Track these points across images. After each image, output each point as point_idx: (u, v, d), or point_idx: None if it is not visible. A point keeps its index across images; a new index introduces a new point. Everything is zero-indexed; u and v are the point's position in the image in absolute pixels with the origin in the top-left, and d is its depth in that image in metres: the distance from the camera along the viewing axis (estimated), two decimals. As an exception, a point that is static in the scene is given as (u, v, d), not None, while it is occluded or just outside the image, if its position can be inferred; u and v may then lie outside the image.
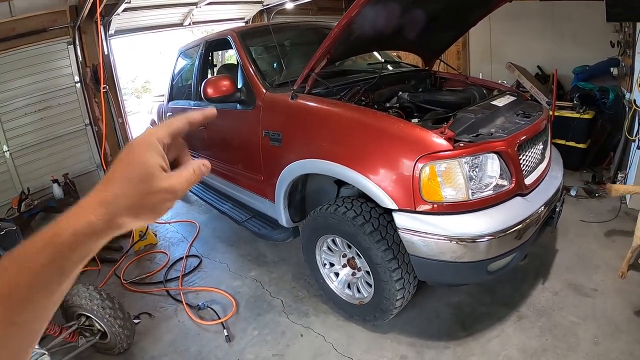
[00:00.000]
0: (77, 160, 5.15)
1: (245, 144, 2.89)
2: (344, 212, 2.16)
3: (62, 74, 4.88)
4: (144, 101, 13.15)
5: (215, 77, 2.72)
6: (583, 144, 4.29)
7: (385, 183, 1.95)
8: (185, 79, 4.28)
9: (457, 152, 1.82)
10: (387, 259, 2.04)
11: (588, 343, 2.10)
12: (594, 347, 2.08)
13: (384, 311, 2.23)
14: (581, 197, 3.80)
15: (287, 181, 2.50)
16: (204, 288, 3.16)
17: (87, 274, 3.70)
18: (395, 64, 3.44)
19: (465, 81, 3.05)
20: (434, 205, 1.87)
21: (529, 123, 2.22)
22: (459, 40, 4.71)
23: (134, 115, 6.16)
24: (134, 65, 14.65)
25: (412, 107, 2.47)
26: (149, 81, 16.51)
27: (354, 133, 2.09)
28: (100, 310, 2.37)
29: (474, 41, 5.80)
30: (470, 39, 5.86)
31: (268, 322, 2.67)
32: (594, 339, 2.12)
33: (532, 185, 2.14)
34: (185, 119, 0.53)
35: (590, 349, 2.07)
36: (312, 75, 2.36)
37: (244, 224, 3.12)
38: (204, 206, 4.88)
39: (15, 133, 4.58)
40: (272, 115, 2.60)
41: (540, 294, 2.55)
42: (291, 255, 3.45)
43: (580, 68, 4.84)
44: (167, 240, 4.21)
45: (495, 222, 1.88)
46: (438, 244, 1.88)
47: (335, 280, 2.56)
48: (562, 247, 2.99)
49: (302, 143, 2.37)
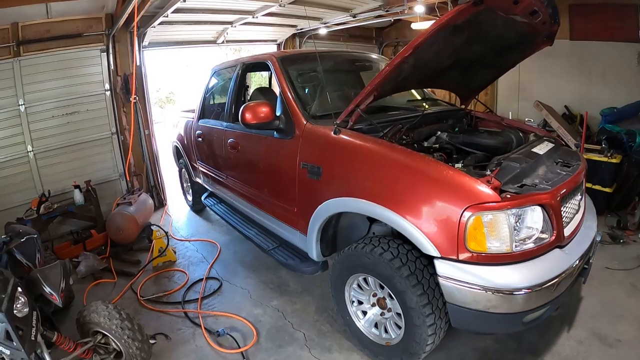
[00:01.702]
0: (100, 167, 5.14)
1: (280, 173, 2.87)
2: (380, 252, 2.13)
3: (93, 80, 4.91)
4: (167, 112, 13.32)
5: (254, 103, 2.69)
6: (609, 188, 4.23)
7: (429, 229, 1.91)
8: (217, 99, 4.30)
9: (504, 204, 1.79)
10: (422, 303, 2.00)
11: None
12: None
13: (411, 354, 2.18)
14: (606, 242, 3.75)
15: (323, 216, 2.47)
16: (224, 313, 3.11)
17: (103, 286, 3.69)
18: (433, 101, 3.43)
19: (501, 122, 3.03)
20: (475, 254, 1.84)
21: (570, 174, 2.20)
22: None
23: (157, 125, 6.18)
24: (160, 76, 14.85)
25: (452, 149, 2.45)
26: (173, 92, 16.73)
27: (400, 175, 2.06)
28: (119, 330, 2.32)
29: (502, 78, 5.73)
30: (499, 76, 5.88)
31: (289, 355, 2.61)
32: None
33: (570, 236, 2.10)
34: None
35: None
36: (357, 110, 2.34)
37: (270, 252, 3.08)
38: (225, 226, 4.85)
39: (41, 134, 4.60)
40: (312, 147, 2.57)
41: (565, 342, 2.50)
42: (315, 287, 3.39)
43: (608, 110, 4.80)
44: (186, 259, 4.17)
45: (534, 276, 1.84)
46: (478, 294, 1.84)
47: (363, 318, 2.51)
48: (587, 295, 2.93)
49: (344, 179, 2.34)
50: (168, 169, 6.37)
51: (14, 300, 1.93)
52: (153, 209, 5.35)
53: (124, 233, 4.40)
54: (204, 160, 4.44)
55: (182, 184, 5.82)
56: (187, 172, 5.25)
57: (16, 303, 1.93)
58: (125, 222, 4.40)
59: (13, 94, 4.36)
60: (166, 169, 6.25)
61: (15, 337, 1.86)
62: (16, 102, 4.39)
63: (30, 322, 1.97)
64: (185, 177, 5.52)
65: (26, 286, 2.13)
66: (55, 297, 2.22)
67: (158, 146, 5.87)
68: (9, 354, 1.89)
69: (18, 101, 4.39)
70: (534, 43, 2.69)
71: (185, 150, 5.03)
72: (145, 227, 4.64)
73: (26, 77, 4.41)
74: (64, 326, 2.48)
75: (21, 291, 2.00)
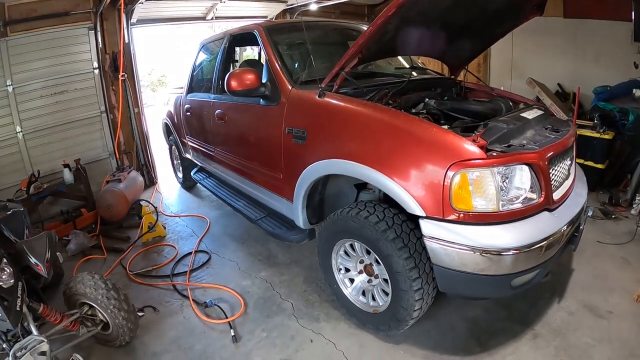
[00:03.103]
0: (90, 147, 5.09)
1: (266, 140, 2.85)
2: (366, 216, 2.11)
3: (81, 59, 4.84)
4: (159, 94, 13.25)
5: (239, 70, 2.68)
6: (601, 164, 4.23)
7: (414, 189, 1.89)
8: (205, 72, 4.26)
9: (490, 161, 1.77)
10: (408, 267, 1.98)
11: None
12: None
13: (399, 321, 2.17)
14: (598, 217, 3.75)
15: (309, 181, 2.45)
16: (212, 285, 3.11)
17: (92, 262, 3.67)
18: (421, 70, 3.40)
19: (491, 93, 3.01)
20: (462, 214, 1.81)
21: (559, 137, 2.17)
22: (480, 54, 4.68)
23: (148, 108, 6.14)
24: (151, 58, 14.79)
25: (439, 115, 2.42)
26: (165, 75, 16.66)
27: (384, 135, 2.03)
28: (105, 300, 2.32)
29: (495, 55, 5.77)
30: (492, 53, 5.83)
31: (277, 325, 2.60)
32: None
33: (559, 201, 2.09)
34: None
35: None
36: (341, 73, 2.31)
37: (257, 222, 3.07)
38: (216, 202, 4.86)
39: (29, 115, 4.54)
40: (297, 112, 2.55)
41: (555, 313, 2.49)
42: (303, 258, 3.40)
43: (601, 88, 4.78)
44: (176, 234, 4.17)
45: (522, 236, 1.82)
46: (463, 255, 1.82)
47: (350, 286, 2.50)
48: (578, 267, 2.93)
49: (328, 142, 2.32)
50: (159, 150, 6.35)
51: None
52: (143, 187, 5.33)
53: (114, 210, 4.37)
54: (193, 134, 4.42)
55: (173, 161, 5.82)
56: (177, 148, 5.24)
57: (1, 274, 1.93)
58: (114, 199, 4.37)
59: (0, 74, 4.29)
60: (157, 149, 6.23)
61: (0, 308, 1.85)
62: (4, 83, 4.32)
63: (16, 293, 1.97)
64: (176, 154, 5.51)
65: (13, 259, 2.12)
66: (41, 268, 2.21)
67: (148, 125, 5.83)
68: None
69: (6, 82, 4.33)
70: (524, 12, 2.66)
71: (174, 126, 5.01)
72: (135, 204, 4.60)
73: (13, 57, 4.34)
74: (54, 304, 2.46)
75: (6, 262, 2.00)
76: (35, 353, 1.93)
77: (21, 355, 1.90)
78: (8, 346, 2.01)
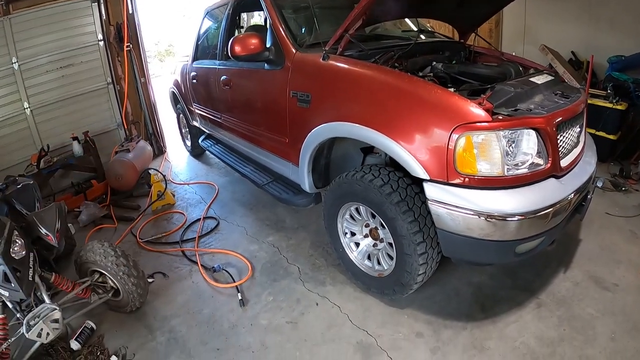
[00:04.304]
0: (98, 118, 5.13)
1: (271, 104, 2.83)
2: (371, 179, 2.10)
3: (86, 31, 4.82)
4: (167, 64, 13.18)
5: (243, 35, 2.65)
6: (613, 135, 4.15)
7: (418, 152, 1.87)
8: (211, 39, 4.22)
9: (495, 124, 1.74)
10: (412, 231, 1.99)
11: (605, 338, 2.04)
12: (610, 342, 2.02)
13: (403, 285, 2.19)
14: (607, 189, 3.69)
15: (314, 145, 2.45)
16: (220, 250, 3.16)
17: (104, 232, 3.74)
18: (429, 34, 3.32)
19: (501, 57, 2.93)
20: (466, 178, 1.80)
21: (568, 103, 2.12)
22: (492, 18, 4.54)
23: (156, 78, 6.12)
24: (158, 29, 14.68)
25: (447, 78, 2.37)
26: (172, 45, 16.54)
27: (388, 97, 2.00)
28: (115, 267, 2.37)
29: (508, 20, 5.58)
30: (504, 18, 5.64)
31: (284, 289, 2.65)
32: (611, 335, 2.06)
33: (566, 168, 2.05)
34: None
35: (607, 344, 2.01)
36: (345, 36, 2.27)
37: (264, 187, 3.10)
38: (224, 169, 4.91)
39: (36, 90, 4.56)
40: (301, 75, 2.53)
41: (561, 282, 2.48)
42: (310, 223, 3.42)
43: (615, 57, 4.64)
44: (185, 201, 4.23)
45: (528, 202, 1.80)
46: (467, 219, 1.81)
47: (355, 250, 2.52)
48: (586, 238, 2.91)
49: (332, 105, 2.30)
50: (167, 119, 6.36)
51: (11, 244, 1.97)
52: (152, 156, 5.38)
53: (123, 180, 4.42)
54: (200, 102, 4.42)
55: (181, 129, 5.85)
56: (184, 116, 5.25)
57: (13, 246, 1.98)
58: (124, 169, 4.41)
59: (5, 52, 4.31)
60: (166, 119, 6.25)
61: (12, 279, 1.90)
62: (9, 61, 4.34)
63: (28, 264, 2.02)
64: (183, 122, 5.53)
65: (24, 231, 2.17)
66: (51, 237, 2.26)
67: (156, 95, 5.83)
68: (8, 295, 1.94)
69: (11, 59, 4.34)
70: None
71: (181, 94, 5.01)
72: (144, 173, 4.66)
73: (17, 34, 4.35)
74: (67, 274, 2.51)
75: (18, 234, 2.05)
76: (48, 321, 1.99)
77: (34, 323, 1.96)
78: (22, 315, 2.06)
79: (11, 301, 2.06)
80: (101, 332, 2.44)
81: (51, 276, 2.23)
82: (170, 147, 6.13)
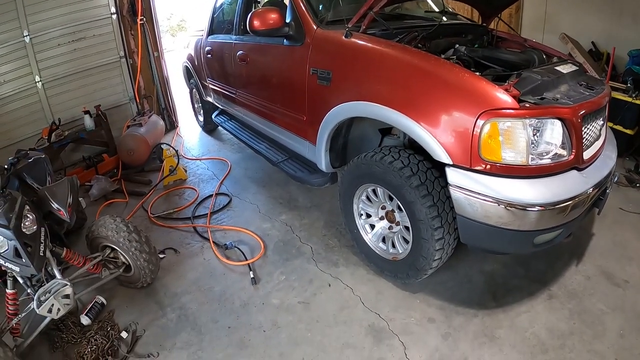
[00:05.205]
0: (110, 92, 5.08)
1: (290, 81, 2.80)
2: (390, 161, 2.08)
3: (98, 4, 4.74)
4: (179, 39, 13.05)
5: (262, 9, 2.60)
6: (630, 130, 4.08)
7: (442, 135, 1.84)
8: (227, 14, 4.16)
9: (522, 112, 1.71)
10: (430, 215, 1.97)
11: (614, 334, 2.04)
12: (619, 339, 2.01)
13: (418, 270, 2.19)
14: (622, 184, 3.65)
15: (333, 123, 2.42)
16: (232, 227, 3.16)
17: (115, 206, 3.75)
18: (452, 16, 3.25)
19: (523, 43, 2.87)
20: (489, 165, 1.78)
21: (593, 95, 2.07)
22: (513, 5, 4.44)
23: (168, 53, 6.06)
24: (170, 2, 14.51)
25: (469, 62, 2.33)
26: (184, 19, 16.39)
27: (413, 78, 1.97)
28: (127, 242, 2.36)
29: (528, 7, 5.47)
30: (524, 4, 5.52)
31: (296, 268, 2.66)
32: (620, 331, 2.05)
33: (588, 161, 2.02)
34: None
35: (616, 340, 2.00)
36: (369, 13, 2.23)
37: (279, 164, 3.08)
38: (237, 145, 4.89)
39: (48, 64, 4.52)
40: (322, 52, 2.48)
41: (572, 275, 2.47)
42: (324, 202, 3.41)
43: (636, 51, 4.55)
44: (197, 177, 4.22)
45: (549, 193, 1.77)
46: (488, 207, 1.79)
47: (370, 232, 2.51)
48: (599, 232, 2.88)
49: (354, 84, 2.26)
50: (180, 94, 6.32)
51: (22, 218, 1.94)
52: (164, 131, 5.37)
53: (135, 155, 4.42)
54: (214, 77, 4.38)
55: (194, 104, 5.81)
56: (197, 91, 5.21)
57: (24, 221, 1.95)
58: (136, 144, 4.40)
59: (17, 26, 4.25)
60: (178, 94, 6.21)
61: (23, 254, 1.88)
62: (21, 34, 4.28)
63: (39, 239, 1.99)
64: (196, 97, 5.48)
65: (35, 205, 2.15)
66: (63, 212, 2.22)
67: (169, 70, 5.78)
68: (19, 270, 1.92)
69: (23, 32, 4.28)
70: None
71: (195, 69, 4.96)
72: (155, 147, 4.65)
73: (29, 7, 4.27)
74: (77, 248, 2.53)
75: (29, 209, 2.01)
76: (59, 296, 1.99)
77: (45, 299, 1.96)
78: (33, 290, 2.06)
79: (22, 276, 2.05)
80: (111, 308, 2.46)
81: (62, 251, 2.22)
82: (182, 122, 6.11)
